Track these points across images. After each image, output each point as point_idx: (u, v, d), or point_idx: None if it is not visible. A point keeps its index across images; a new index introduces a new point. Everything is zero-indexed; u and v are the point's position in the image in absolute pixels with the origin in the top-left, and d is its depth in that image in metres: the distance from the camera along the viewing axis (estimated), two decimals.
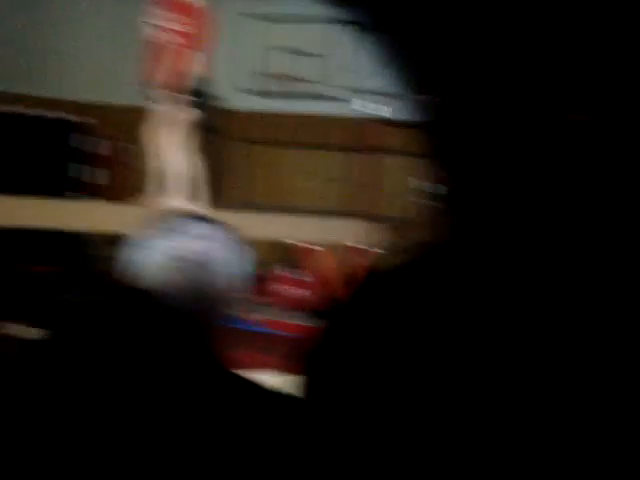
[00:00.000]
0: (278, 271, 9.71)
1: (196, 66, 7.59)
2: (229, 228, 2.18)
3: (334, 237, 8.25)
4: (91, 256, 11.92)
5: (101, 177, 12.31)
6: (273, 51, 12.70)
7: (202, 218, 2.16)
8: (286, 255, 9.70)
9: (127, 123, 13.16)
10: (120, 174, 13.38)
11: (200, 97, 7.64)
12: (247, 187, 13.28)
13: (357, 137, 12.34)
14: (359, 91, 12.20)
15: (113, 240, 12.44)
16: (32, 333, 6.40)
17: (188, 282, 2.10)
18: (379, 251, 8.36)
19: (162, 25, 7.61)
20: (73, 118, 11.86)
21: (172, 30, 7.58)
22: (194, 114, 7.62)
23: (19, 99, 12.09)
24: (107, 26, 13.65)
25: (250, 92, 12.79)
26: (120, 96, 13.37)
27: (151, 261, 2.12)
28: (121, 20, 13.60)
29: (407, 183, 12.20)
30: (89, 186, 11.78)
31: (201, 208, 7.70)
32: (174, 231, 2.14)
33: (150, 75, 7.74)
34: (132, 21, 13.33)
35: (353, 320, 1.57)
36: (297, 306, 9.17)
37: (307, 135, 12.72)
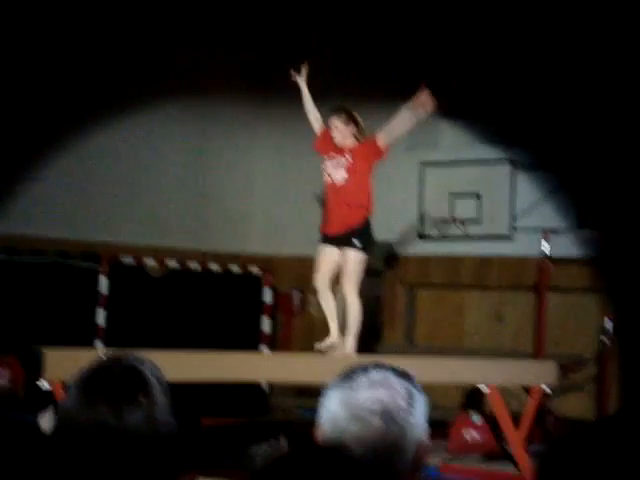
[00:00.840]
0: (455, 415, 9.64)
1: (360, 211, 7.69)
2: (405, 374, 2.16)
3: (505, 378, 8.12)
4: (274, 406, 12.07)
5: (275, 327, 12.54)
6: (432, 195, 12.82)
7: (377, 365, 2.15)
8: (462, 398, 9.61)
9: (293, 272, 13.48)
10: (290, 323, 13.60)
11: (365, 241, 7.70)
12: (411, 330, 13.27)
13: (518, 276, 12.24)
14: (518, 229, 12.16)
15: (294, 390, 12.54)
16: None
17: (372, 431, 2.08)
18: (548, 391, 8.18)
19: (332, 173, 7.75)
20: (257, 272, 12.17)
21: (341, 176, 7.71)
22: (359, 256, 7.69)
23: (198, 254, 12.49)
24: (280, 182, 14.09)
25: (413, 236, 12.91)
26: (287, 248, 13.75)
27: (333, 412, 2.10)
28: (295, 173, 14.03)
29: (572, 320, 11.99)
30: (267, 336, 11.98)
31: (351, 350, 7.70)
32: (352, 379, 2.13)
33: (323, 223, 7.88)
34: (300, 175, 13.77)
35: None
36: (474, 450, 9.06)
37: (468, 276, 12.70)
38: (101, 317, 10.70)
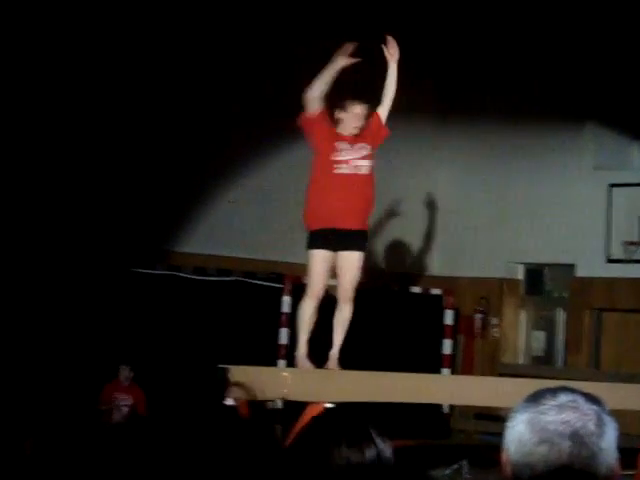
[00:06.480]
0: None
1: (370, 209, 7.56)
2: (594, 398, 2.09)
3: None
4: (452, 429, 11.98)
5: (456, 349, 12.50)
6: (621, 217, 12.51)
7: (565, 388, 2.09)
8: None
9: (474, 294, 13.36)
10: (472, 345, 13.44)
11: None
12: (597, 355, 12.94)
13: None
14: None
15: (474, 413, 12.33)
16: None
17: (561, 454, 2.03)
18: None
19: (354, 162, 7.62)
20: (439, 293, 12.15)
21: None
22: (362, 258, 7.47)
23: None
24: (462, 202, 13.99)
25: (600, 259, 12.61)
26: (469, 269, 13.62)
27: (520, 434, 2.06)
28: (477, 194, 13.90)
29: None
30: (448, 359, 11.93)
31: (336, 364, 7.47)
32: (540, 402, 2.08)
33: (325, 215, 7.71)
34: (481, 195, 13.60)
35: None
36: None
37: None
38: (284, 336, 10.82)
